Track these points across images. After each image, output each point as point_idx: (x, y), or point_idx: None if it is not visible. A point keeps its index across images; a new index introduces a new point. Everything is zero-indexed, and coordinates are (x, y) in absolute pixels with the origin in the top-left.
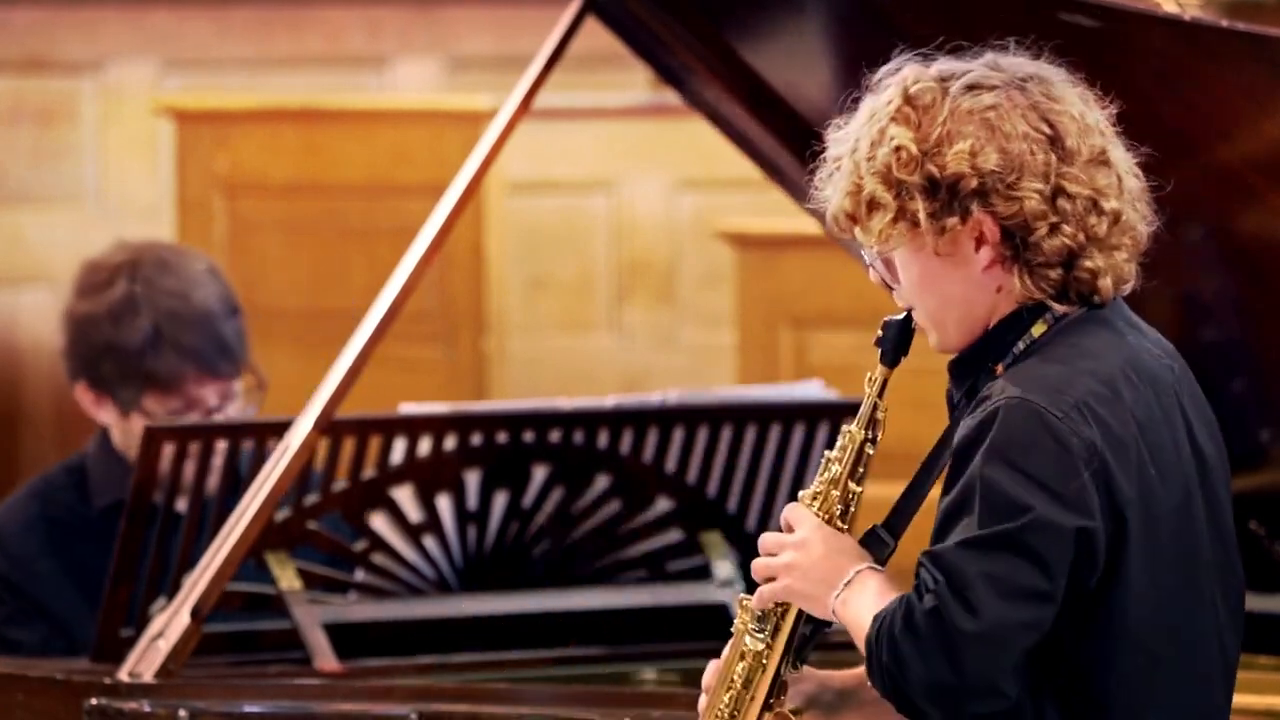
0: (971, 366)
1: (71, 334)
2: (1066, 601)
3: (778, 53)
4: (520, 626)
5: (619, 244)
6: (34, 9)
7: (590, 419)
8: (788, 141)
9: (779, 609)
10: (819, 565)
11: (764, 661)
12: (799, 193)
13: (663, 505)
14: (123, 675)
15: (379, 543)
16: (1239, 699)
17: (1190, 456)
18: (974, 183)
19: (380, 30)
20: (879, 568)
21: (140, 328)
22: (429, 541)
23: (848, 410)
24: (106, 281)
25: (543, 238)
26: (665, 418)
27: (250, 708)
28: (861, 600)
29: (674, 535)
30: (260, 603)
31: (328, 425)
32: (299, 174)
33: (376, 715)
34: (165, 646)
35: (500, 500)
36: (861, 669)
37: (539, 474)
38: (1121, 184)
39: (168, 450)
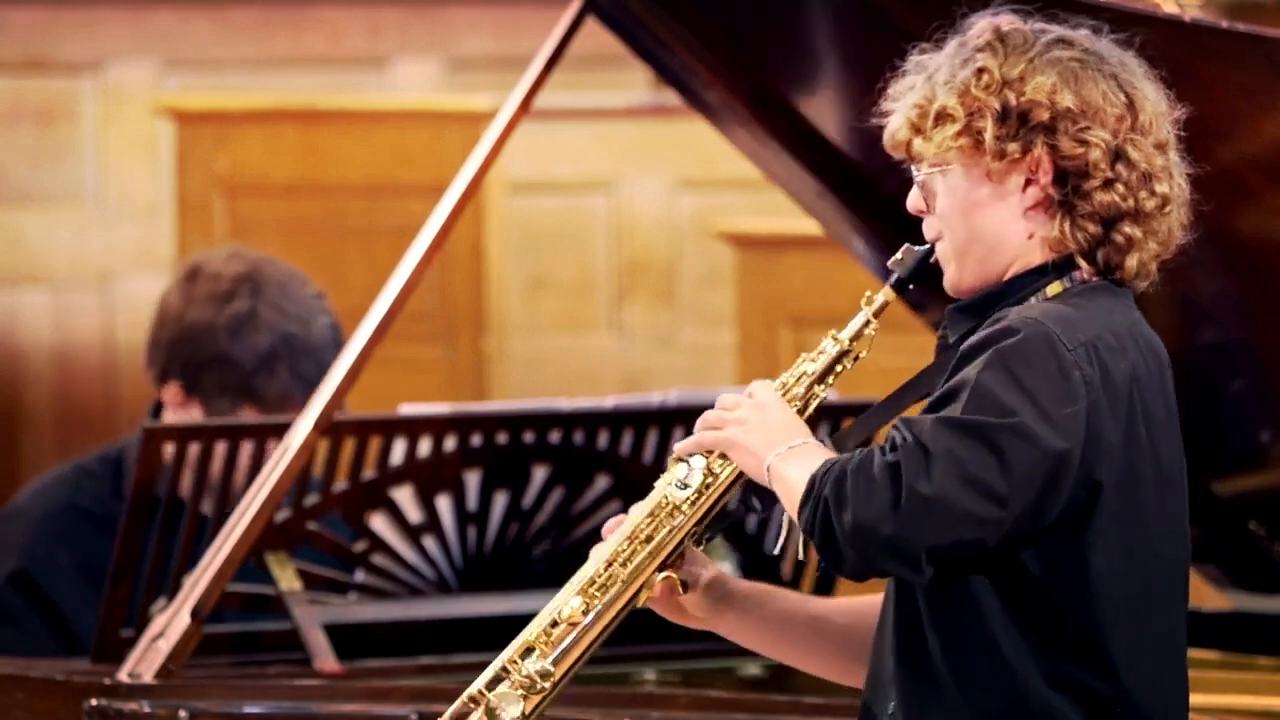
0: (975, 314)
1: (178, 336)
2: (1029, 526)
3: (778, 53)
4: (520, 626)
5: (619, 244)
6: (34, 9)
7: (590, 419)
8: (788, 141)
9: (710, 477)
10: (769, 426)
11: (675, 521)
12: (799, 193)
13: None
14: (123, 675)
15: (379, 543)
16: (1239, 699)
17: (1179, 436)
18: (1046, 115)
19: (380, 30)
20: (824, 445)
21: (258, 347)
22: (429, 542)
23: (848, 411)
24: (228, 292)
25: (543, 238)
26: (665, 418)
27: (250, 708)
28: (803, 461)
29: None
30: (260, 603)
31: (328, 425)
32: (299, 174)
33: (376, 715)
34: (165, 647)
35: (500, 500)
36: (757, 583)
37: (539, 474)
38: (1174, 180)
39: (168, 450)
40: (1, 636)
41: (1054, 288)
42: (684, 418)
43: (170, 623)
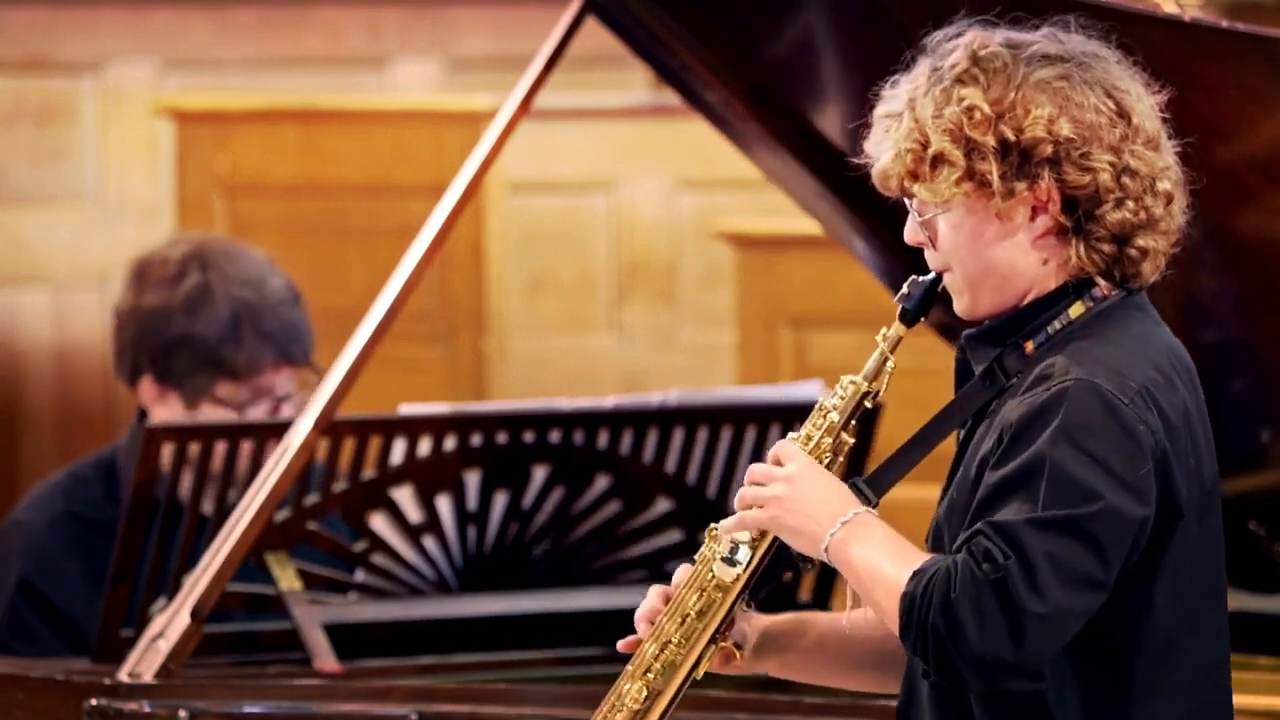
0: (996, 340)
1: (137, 328)
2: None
3: (778, 53)
4: (520, 626)
5: (619, 244)
6: (34, 9)
7: (590, 419)
8: (788, 141)
9: (755, 544)
10: (811, 500)
11: (725, 594)
12: (799, 193)
13: (663, 506)
14: (123, 675)
15: (379, 543)
16: (1239, 699)
17: (1215, 451)
18: (1049, 149)
19: (380, 30)
20: (875, 513)
21: (218, 317)
22: (429, 542)
23: None
24: (177, 274)
25: (543, 238)
26: (665, 418)
27: (250, 708)
28: (868, 542)
29: (674, 536)
30: (260, 603)
31: (328, 425)
32: (299, 174)
33: (376, 715)
34: (165, 647)
35: (500, 500)
36: (790, 615)
37: (539, 474)
38: (1170, 170)
39: (168, 450)
40: (17, 649)
41: (1076, 309)
42: (684, 418)
43: (170, 623)
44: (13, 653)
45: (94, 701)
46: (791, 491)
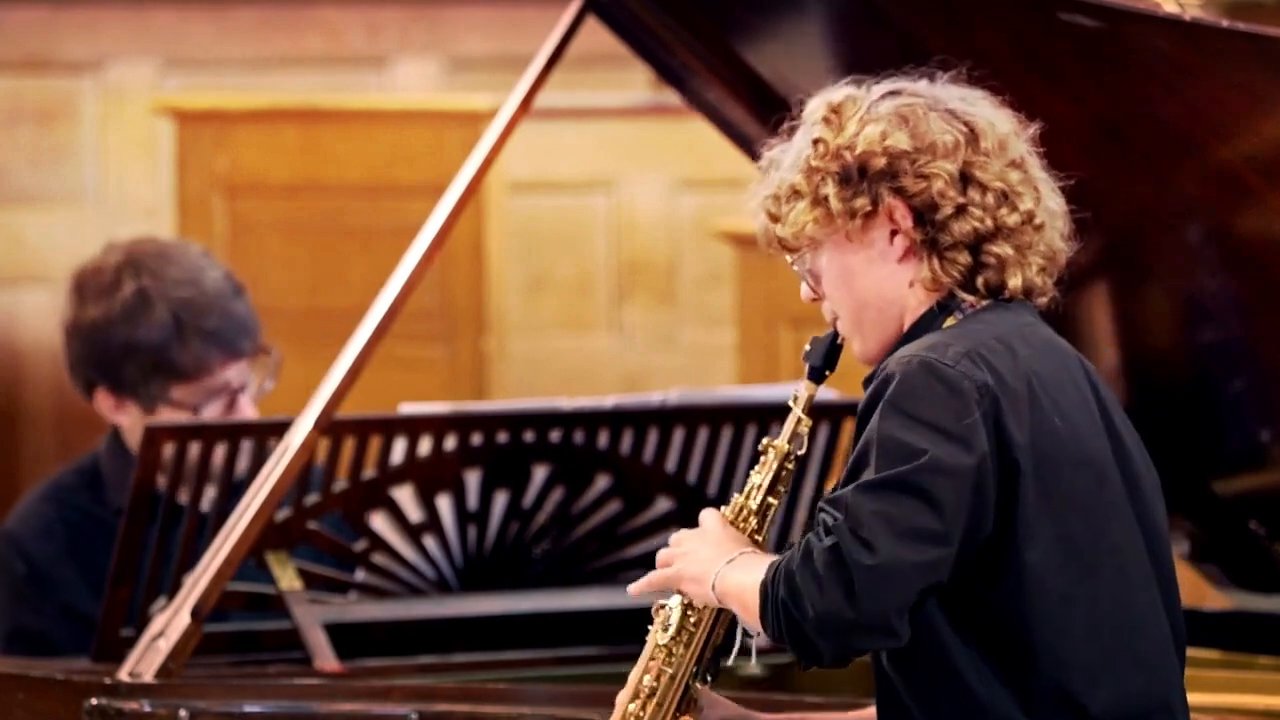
0: None
1: (82, 342)
2: (970, 546)
3: (779, 52)
4: (520, 626)
5: (619, 244)
6: (34, 9)
7: (590, 419)
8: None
9: (691, 613)
10: (707, 548)
11: (671, 670)
12: None
13: (663, 505)
14: (123, 675)
15: (379, 543)
16: (1239, 699)
17: (1104, 429)
18: (882, 162)
19: (380, 30)
20: (762, 553)
21: (159, 321)
22: (429, 541)
23: (848, 410)
24: (113, 283)
25: (543, 238)
26: (665, 418)
27: (250, 708)
28: (747, 568)
29: (674, 535)
30: (260, 603)
31: (328, 425)
32: (299, 174)
33: (376, 715)
34: (165, 646)
35: (500, 500)
36: (779, 716)
37: (539, 474)
38: (1039, 195)
39: (168, 450)
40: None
41: (949, 323)
42: (684, 418)
43: (170, 622)
44: (26, 633)
45: (94, 701)
46: (694, 544)
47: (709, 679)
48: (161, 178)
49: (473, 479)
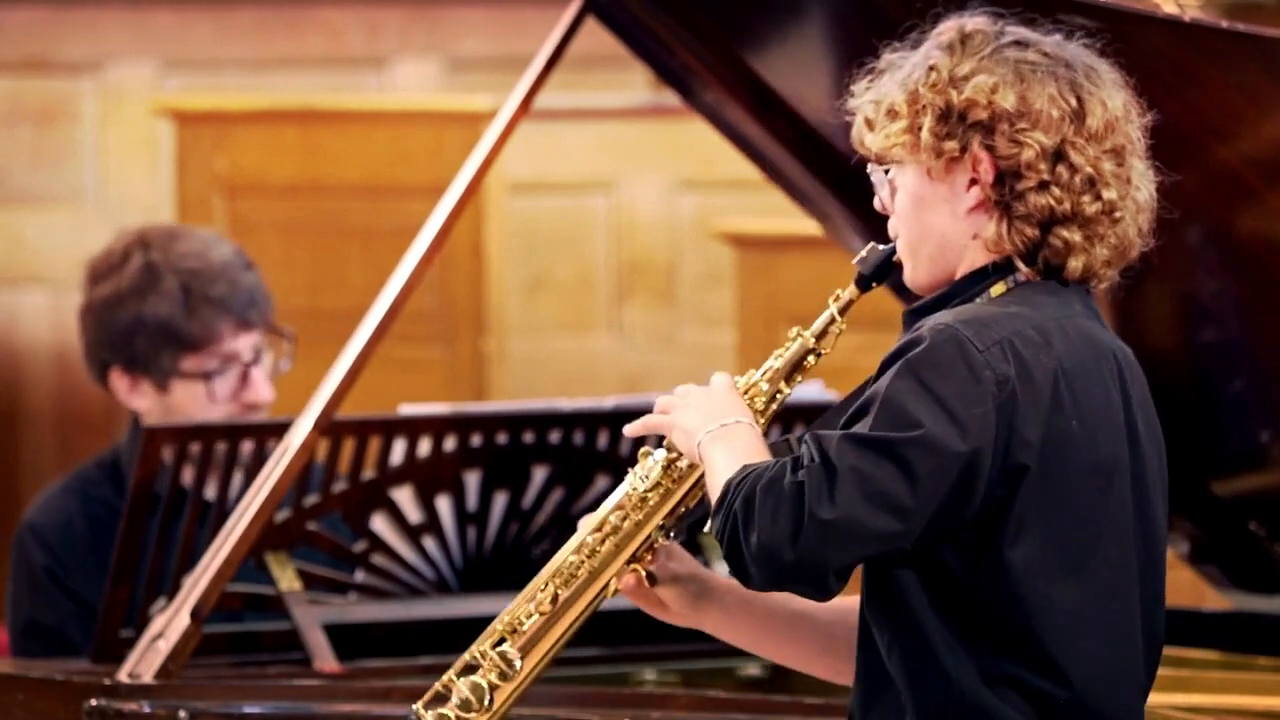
0: (926, 316)
1: (94, 322)
2: (937, 528)
3: (779, 54)
4: None
5: (619, 244)
6: (34, 9)
7: (590, 419)
8: (788, 142)
9: (672, 469)
10: (706, 405)
11: (640, 517)
12: (799, 193)
13: None
14: (123, 676)
15: (379, 543)
16: (1239, 699)
17: (1124, 427)
18: (984, 115)
19: (380, 30)
20: (757, 428)
21: (168, 292)
22: (429, 542)
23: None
24: (122, 260)
25: (543, 238)
26: None
27: (250, 708)
28: (730, 445)
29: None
30: (260, 603)
31: (328, 425)
32: (299, 174)
33: (376, 716)
34: (165, 647)
35: (500, 500)
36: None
37: (539, 474)
38: (1129, 186)
39: (167, 451)
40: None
41: (998, 289)
42: None
43: (170, 623)
44: (33, 653)
45: (94, 701)
46: (695, 396)
47: (672, 536)
48: (161, 178)
49: (472, 480)
